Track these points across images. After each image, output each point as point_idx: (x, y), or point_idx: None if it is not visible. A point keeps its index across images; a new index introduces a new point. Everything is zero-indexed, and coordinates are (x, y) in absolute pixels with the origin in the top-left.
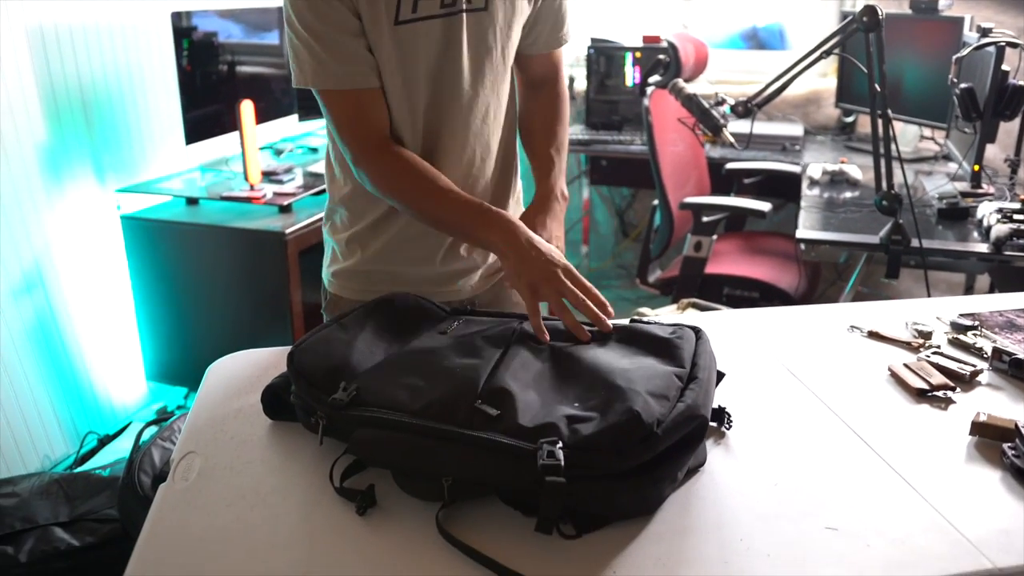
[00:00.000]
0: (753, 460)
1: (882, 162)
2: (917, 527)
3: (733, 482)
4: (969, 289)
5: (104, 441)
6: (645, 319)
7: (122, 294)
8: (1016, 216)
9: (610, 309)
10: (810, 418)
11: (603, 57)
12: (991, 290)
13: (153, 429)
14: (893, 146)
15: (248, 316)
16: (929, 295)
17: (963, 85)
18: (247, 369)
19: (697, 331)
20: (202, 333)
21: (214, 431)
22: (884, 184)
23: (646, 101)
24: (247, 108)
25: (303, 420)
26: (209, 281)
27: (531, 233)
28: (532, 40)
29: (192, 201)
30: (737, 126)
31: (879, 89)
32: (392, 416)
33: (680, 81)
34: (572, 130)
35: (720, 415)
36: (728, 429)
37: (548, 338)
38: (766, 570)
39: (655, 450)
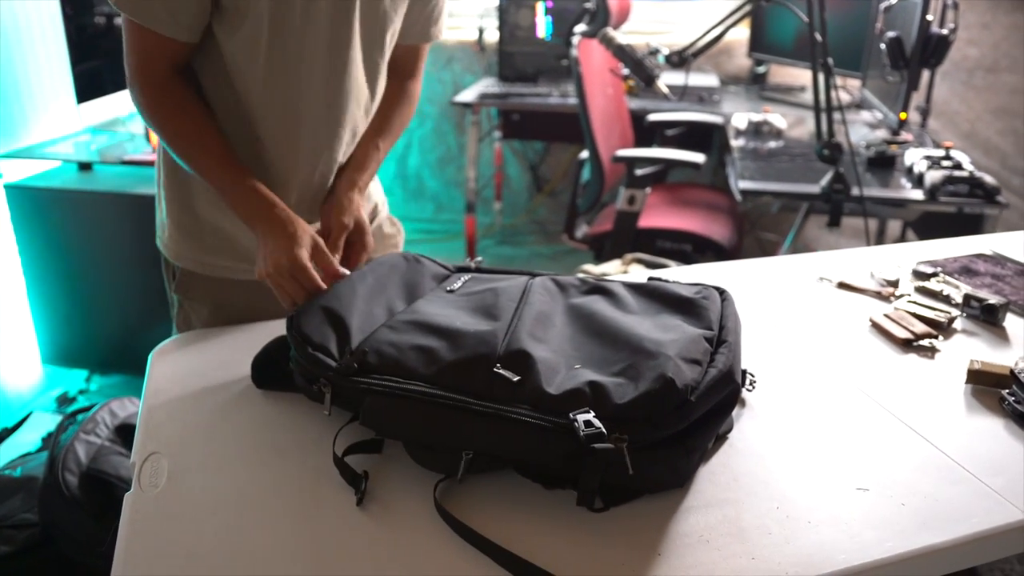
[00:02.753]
0: (769, 422)
1: (822, 112)
2: (943, 481)
3: (755, 447)
4: (881, 234)
5: (2, 435)
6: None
7: (10, 271)
8: (944, 162)
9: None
10: (810, 375)
11: (514, 6)
12: (903, 235)
13: (72, 423)
14: (833, 95)
15: (156, 290)
16: (869, 243)
17: (891, 34)
18: (195, 353)
19: (721, 291)
20: (103, 311)
21: (176, 427)
22: (825, 133)
23: (574, 51)
24: None
25: (304, 388)
26: (109, 253)
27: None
28: (404, 29)
29: (85, 166)
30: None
31: (820, 38)
32: (408, 385)
33: (610, 30)
34: (485, 83)
35: (743, 377)
36: (751, 391)
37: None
38: (813, 537)
39: (689, 419)
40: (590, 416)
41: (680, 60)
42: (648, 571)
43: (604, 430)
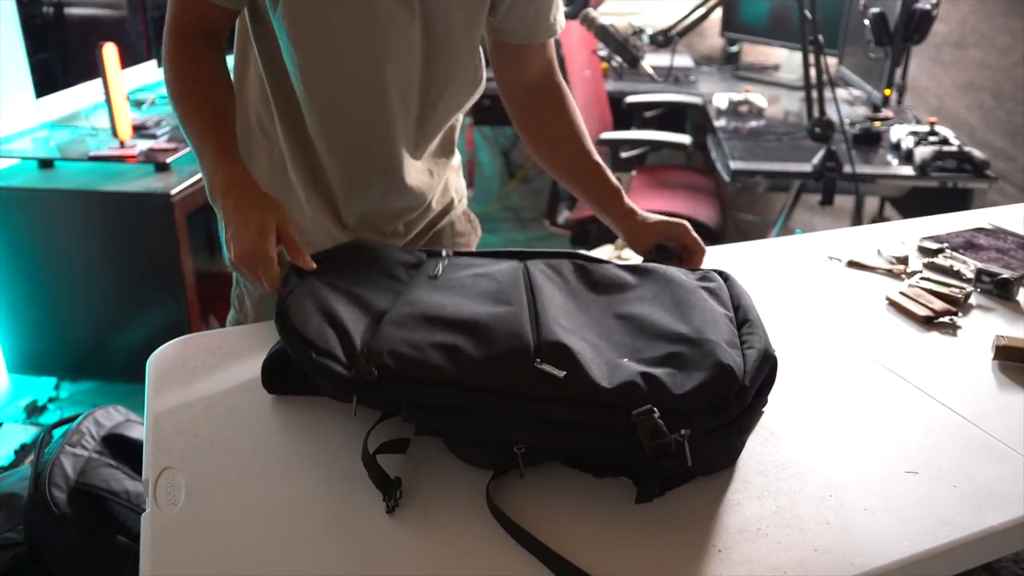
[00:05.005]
0: (806, 407)
1: (813, 90)
2: (990, 460)
3: (796, 433)
4: (858, 212)
5: None
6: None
7: None
8: (930, 138)
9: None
10: (838, 356)
11: None
12: (880, 212)
13: (51, 437)
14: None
15: (130, 291)
16: (861, 222)
17: (874, 10)
18: (196, 357)
19: (723, 274)
20: (72, 315)
21: (187, 438)
22: (816, 112)
23: None
24: (110, 52)
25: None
26: (75, 254)
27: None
28: (514, 26)
29: (46, 163)
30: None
31: (810, 16)
32: (445, 391)
33: (591, 11)
34: None
35: None
36: None
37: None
38: (871, 524)
39: (745, 403)
40: (655, 418)
41: (665, 40)
42: (711, 569)
43: (669, 436)
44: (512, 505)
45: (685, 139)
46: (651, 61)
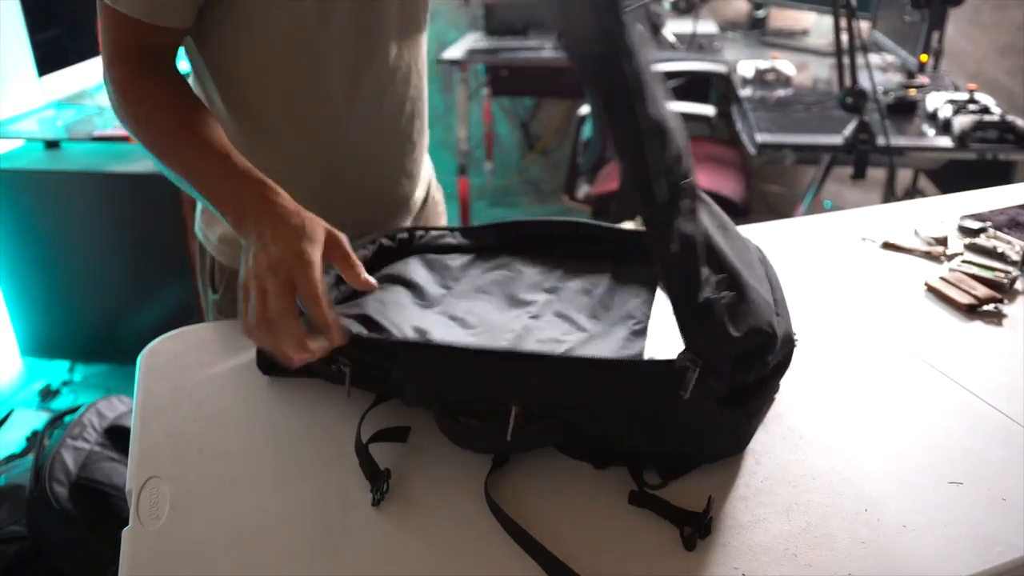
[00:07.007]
0: (838, 407)
1: (844, 57)
2: None
3: (827, 438)
4: (890, 184)
5: None
6: None
7: None
8: (970, 106)
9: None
10: (873, 350)
11: None
12: (914, 185)
13: (60, 425)
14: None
15: (138, 273)
16: (894, 197)
17: None
18: (188, 353)
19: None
20: (83, 297)
21: (175, 444)
22: (848, 80)
23: None
24: None
25: (321, 370)
26: (85, 236)
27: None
28: None
29: (52, 144)
30: None
31: None
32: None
33: None
34: (471, 38)
35: None
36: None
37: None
38: (911, 544)
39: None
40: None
41: (688, 6)
42: None
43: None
44: (510, 502)
45: (709, 110)
46: (673, 28)
